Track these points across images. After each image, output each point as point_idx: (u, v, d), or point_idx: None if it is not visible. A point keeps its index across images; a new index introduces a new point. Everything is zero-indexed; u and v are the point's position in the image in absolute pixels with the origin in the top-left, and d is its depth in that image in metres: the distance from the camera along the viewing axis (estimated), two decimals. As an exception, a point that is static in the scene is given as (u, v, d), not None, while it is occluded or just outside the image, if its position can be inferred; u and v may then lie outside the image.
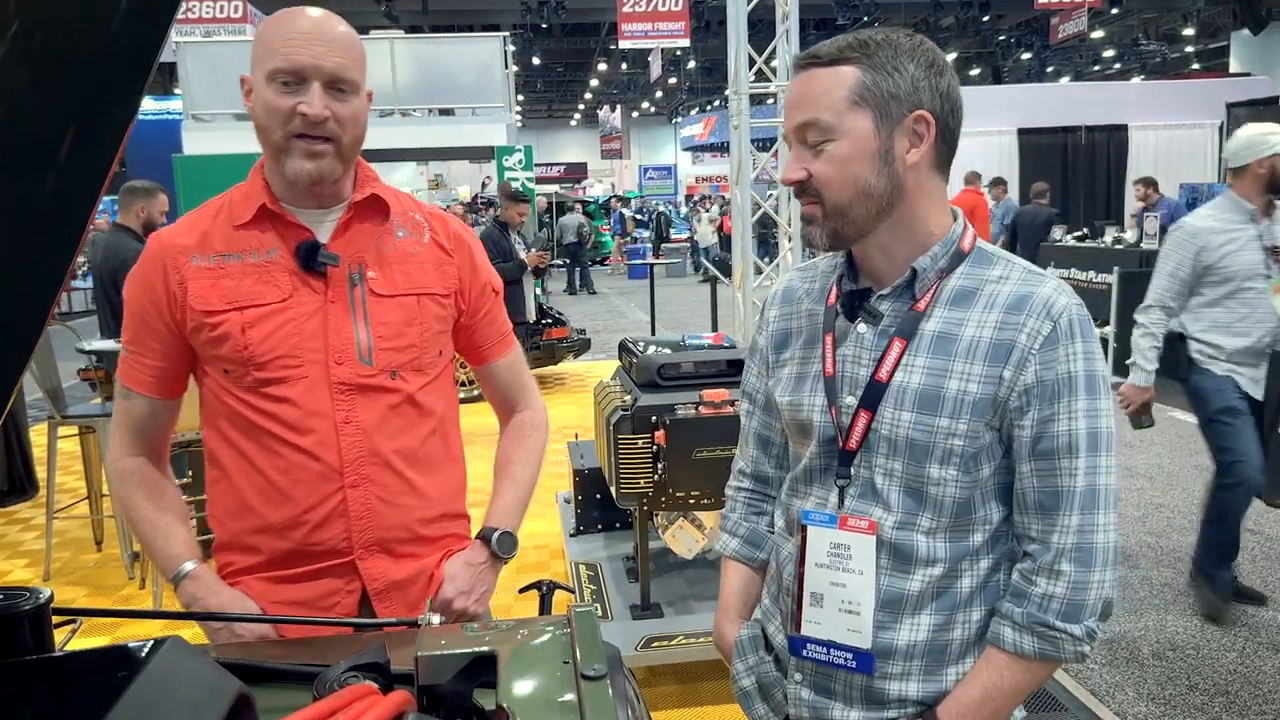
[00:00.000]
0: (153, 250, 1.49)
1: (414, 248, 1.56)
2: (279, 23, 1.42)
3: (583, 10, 21.12)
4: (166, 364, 1.51)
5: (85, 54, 1.07)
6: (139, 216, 4.95)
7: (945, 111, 1.21)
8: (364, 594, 1.52)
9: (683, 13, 14.79)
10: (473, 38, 13.83)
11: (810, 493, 1.32)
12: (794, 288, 1.42)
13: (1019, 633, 1.20)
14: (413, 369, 1.53)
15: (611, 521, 4.18)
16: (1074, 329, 1.18)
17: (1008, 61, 26.17)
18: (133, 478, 1.54)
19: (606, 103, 34.68)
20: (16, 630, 0.92)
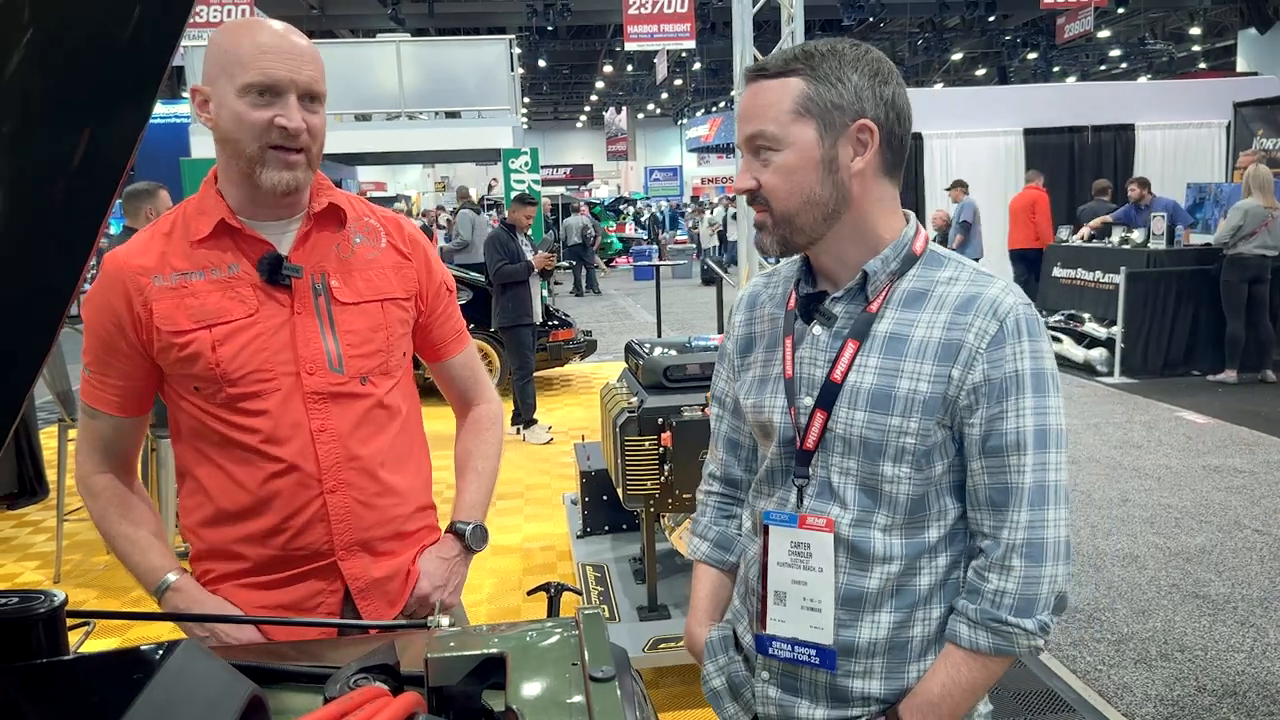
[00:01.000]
0: (110, 272, 1.47)
1: (372, 253, 1.58)
2: (241, 34, 1.42)
3: (588, 12, 21.14)
4: (131, 383, 1.50)
5: (97, 62, 1.09)
6: (148, 218, 4.97)
7: (890, 119, 1.24)
8: (346, 593, 1.54)
9: (688, 14, 14.79)
10: (478, 41, 13.87)
11: (772, 493, 1.35)
12: (757, 293, 1.46)
13: (973, 629, 1.22)
14: (381, 373, 1.55)
15: (618, 523, 4.18)
16: (1021, 328, 1.20)
17: (1014, 61, 26.12)
18: (104, 494, 1.54)
19: (612, 104, 34.73)
20: (31, 633, 0.93)
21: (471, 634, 1.03)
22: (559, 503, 4.97)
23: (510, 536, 4.99)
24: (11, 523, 5.32)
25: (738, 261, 7.82)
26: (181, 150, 12.67)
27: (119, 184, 1.17)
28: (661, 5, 14.69)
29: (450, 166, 32.11)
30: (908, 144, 1.28)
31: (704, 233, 21.15)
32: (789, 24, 5.90)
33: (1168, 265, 8.32)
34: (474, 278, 8.43)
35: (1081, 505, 5.10)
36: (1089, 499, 5.20)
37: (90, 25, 1.08)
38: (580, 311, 14.02)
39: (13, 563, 4.74)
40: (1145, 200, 9.18)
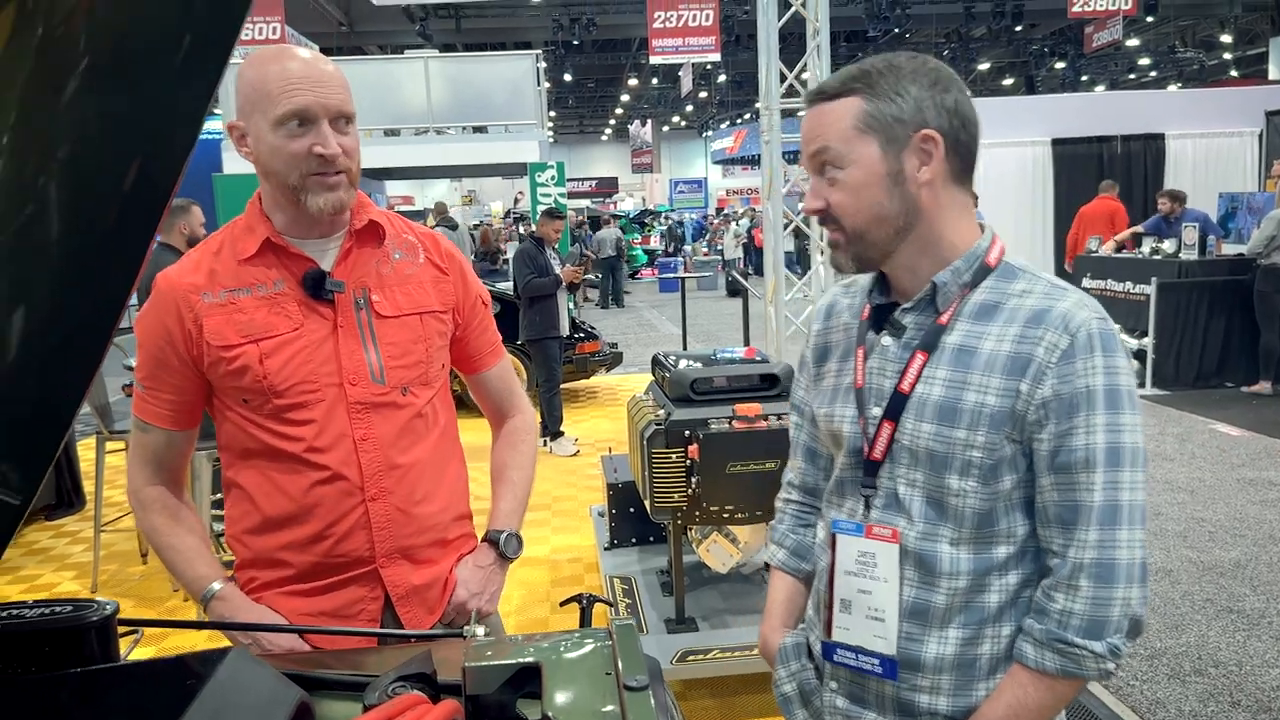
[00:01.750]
0: (162, 291, 1.53)
1: (411, 268, 1.62)
2: (268, 66, 1.45)
3: (614, 26, 21.30)
4: (181, 398, 1.55)
5: (147, 89, 1.13)
6: (182, 234, 5.09)
7: (954, 126, 1.24)
8: (386, 601, 1.58)
9: (713, 27, 14.86)
10: (505, 56, 14.00)
11: (842, 503, 1.36)
12: (836, 302, 1.47)
13: (1040, 650, 1.20)
14: (421, 383, 1.60)
15: (646, 535, 4.20)
16: (1093, 343, 1.18)
17: (1041, 71, 25.98)
18: (153, 505, 1.58)
19: (637, 117, 34.86)
20: (84, 640, 0.97)
21: (507, 644, 1.06)
22: (586, 515, 4.98)
23: (538, 548, 5.02)
24: (50, 534, 5.41)
25: (763, 273, 7.82)
26: (214, 166, 12.85)
27: (166, 205, 1.22)
28: (686, 19, 14.76)
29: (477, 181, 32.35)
30: (976, 150, 1.28)
31: (729, 244, 21.15)
32: (814, 38, 5.92)
33: (1200, 276, 8.22)
34: (501, 291, 8.50)
35: (1113, 518, 5.04)
36: (1120, 512, 5.14)
37: (139, 53, 1.12)
38: (606, 324, 14.06)
39: (51, 572, 4.83)
40: (1176, 213, 9.09)
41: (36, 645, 0.94)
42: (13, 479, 1.33)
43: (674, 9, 14.76)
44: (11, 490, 1.33)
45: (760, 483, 3.10)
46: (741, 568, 3.60)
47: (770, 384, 3.39)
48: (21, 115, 1.10)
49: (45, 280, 1.23)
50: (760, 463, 3.12)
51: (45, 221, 1.19)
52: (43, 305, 1.24)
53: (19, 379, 1.27)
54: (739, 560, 3.47)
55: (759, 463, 3.12)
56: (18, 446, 1.31)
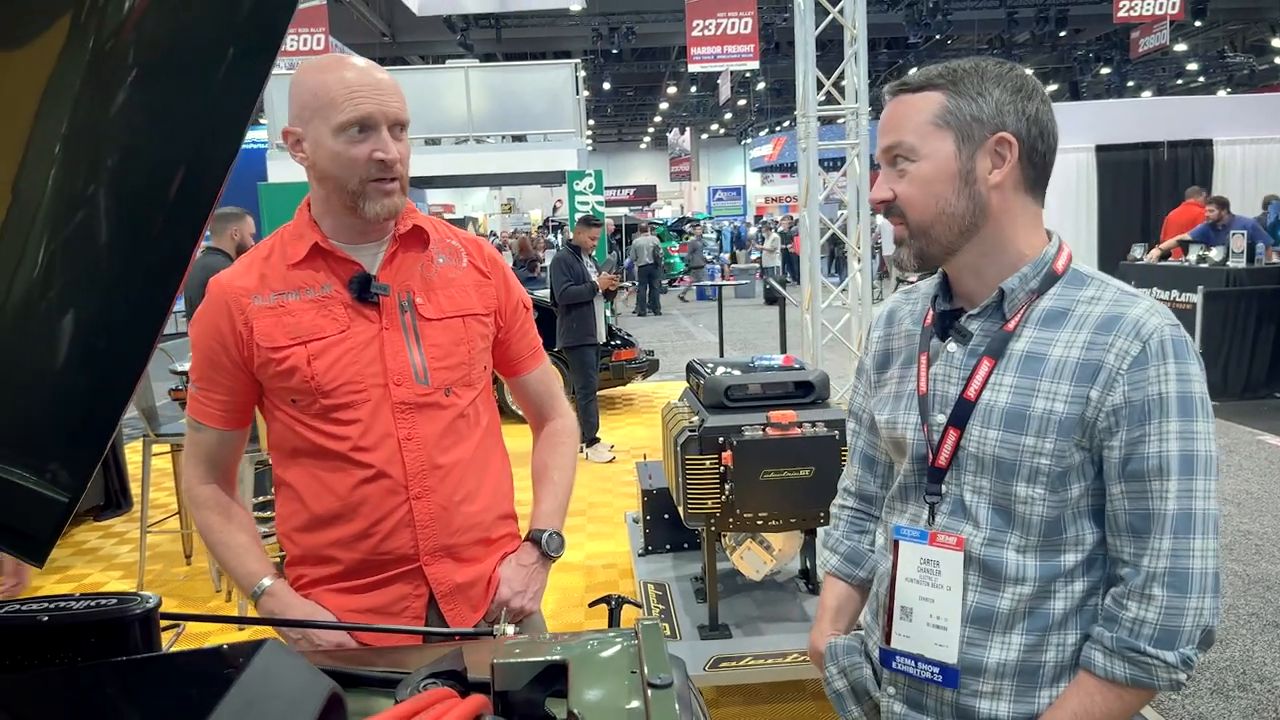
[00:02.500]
0: (215, 294, 1.58)
1: (454, 272, 1.66)
2: (328, 74, 1.49)
3: (653, 35, 21.37)
4: (233, 398, 1.60)
5: (193, 97, 1.17)
6: (233, 239, 5.25)
7: (1032, 135, 1.23)
8: (430, 598, 1.61)
9: (752, 35, 14.86)
10: (544, 66, 14.12)
11: (905, 509, 1.35)
12: (897, 309, 1.47)
13: (1110, 658, 1.18)
14: (463, 385, 1.63)
15: (680, 542, 4.20)
16: (1165, 350, 1.16)
17: (1086, 77, 25.64)
18: (207, 503, 1.63)
19: (676, 125, 34.93)
20: (128, 631, 1.00)
21: (536, 642, 1.08)
22: (621, 521, 5.00)
23: (573, 554, 5.04)
24: (98, 534, 5.54)
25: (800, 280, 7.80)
26: (259, 175, 13.09)
27: (210, 212, 1.26)
28: (724, 27, 14.78)
29: (517, 189, 32.60)
30: (1052, 162, 1.27)
31: (766, 252, 21.10)
32: (851, 45, 5.90)
33: (1248, 284, 8.06)
34: (538, 298, 8.56)
35: (1156, 530, 4.96)
36: (1164, 524, 5.05)
37: (186, 64, 1.16)
38: (642, 331, 14.10)
39: (98, 572, 4.94)
40: (1223, 220, 8.91)
41: (83, 636, 0.98)
42: (62, 477, 1.38)
43: (712, 17, 14.79)
44: (61, 488, 1.38)
45: (794, 490, 3.09)
46: (775, 575, 3.60)
47: (805, 391, 3.38)
48: (73, 125, 1.15)
49: (93, 285, 1.28)
50: (794, 470, 3.11)
51: (94, 228, 1.24)
52: (91, 309, 1.29)
53: (68, 380, 1.31)
54: (773, 567, 3.47)
55: (793, 470, 3.11)
56: (67, 446, 1.36)
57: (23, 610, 1.00)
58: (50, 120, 1.13)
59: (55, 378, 1.30)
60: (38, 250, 1.22)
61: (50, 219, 1.20)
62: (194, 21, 1.14)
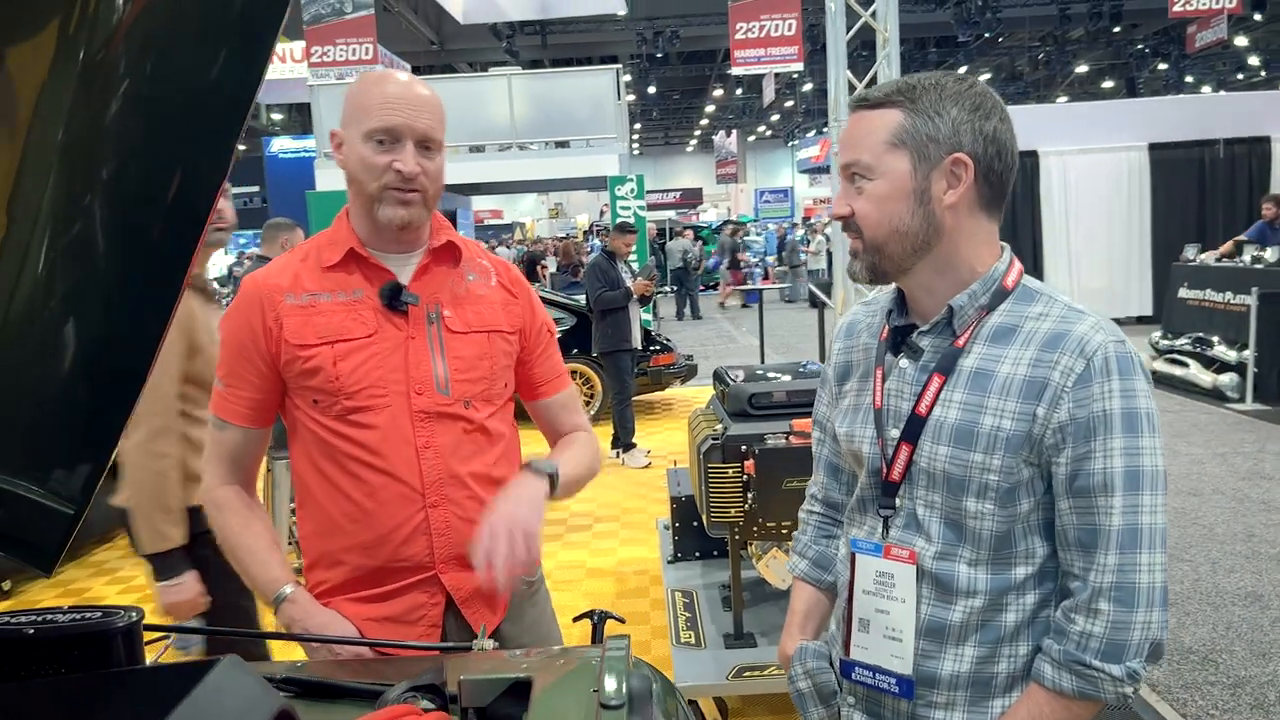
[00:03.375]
0: (249, 290, 1.62)
1: (483, 289, 1.70)
2: (371, 85, 1.57)
3: (697, 38, 21.37)
4: (260, 395, 1.62)
5: (184, 107, 1.20)
6: (283, 248, 5.39)
7: (989, 154, 1.24)
8: (448, 604, 1.63)
9: (796, 37, 14.77)
10: (586, 71, 14.19)
11: (863, 522, 1.37)
12: (856, 321, 1.48)
13: (1058, 670, 1.20)
14: (483, 399, 1.65)
15: (709, 549, 4.20)
16: (1110, 366, 1.17)
17: (1143, 73, 25.06)
18: (227, 506, 1.65)
19: (722, 128, 34.85)
20: (110, 644, 1.03)
21: (507, 659, 1.09)
22: (653, 527, 5.01)
23: (605, 559, 5.07)
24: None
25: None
26: (308, 183, 13.36)
27: (208, 217, 1.29)
28: (768, 29, 14.72)
29: (565, 194, 32.81)
30: (1010, 180, 1.28)
31: (811, 254, 20.95)
32: (884, 48, 5.84)
33: (1305, 285, 7.83)
34: (576, 304, 8.63)
35: (1202, 540, 4.84)
36: (1211, 533, 4.93)
37: (177, 74, 1.20)
38: (684, 336, 14.09)
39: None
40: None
41: (68, 648, 1.01)
42: (66, 489, 1.42)
43: (756, 20, 14.73)
44: (66, 500, 1.43)
45: (816, 499, 3.07)
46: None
47: (829, 399, 3.36)
48: (68, 136, 1.18)
49: (93, 295, 1.31)
50: (817, 479, 3.09)
51: (92, 237, 1.27)
52: (91, 319, 1.32)
53: (70, 391, 1.35)
54: (798, 576, 3.44)
55: (815, 479, 3.09)
56: (70, 457, 1.40)
57: (11, 622, 1.03)
58: (45, 131, 1.17)
59: (57, 389, 1.34)
60: (37, 262, 1.26)
61: (48, 230, 1.24)
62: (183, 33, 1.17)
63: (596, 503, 6.11)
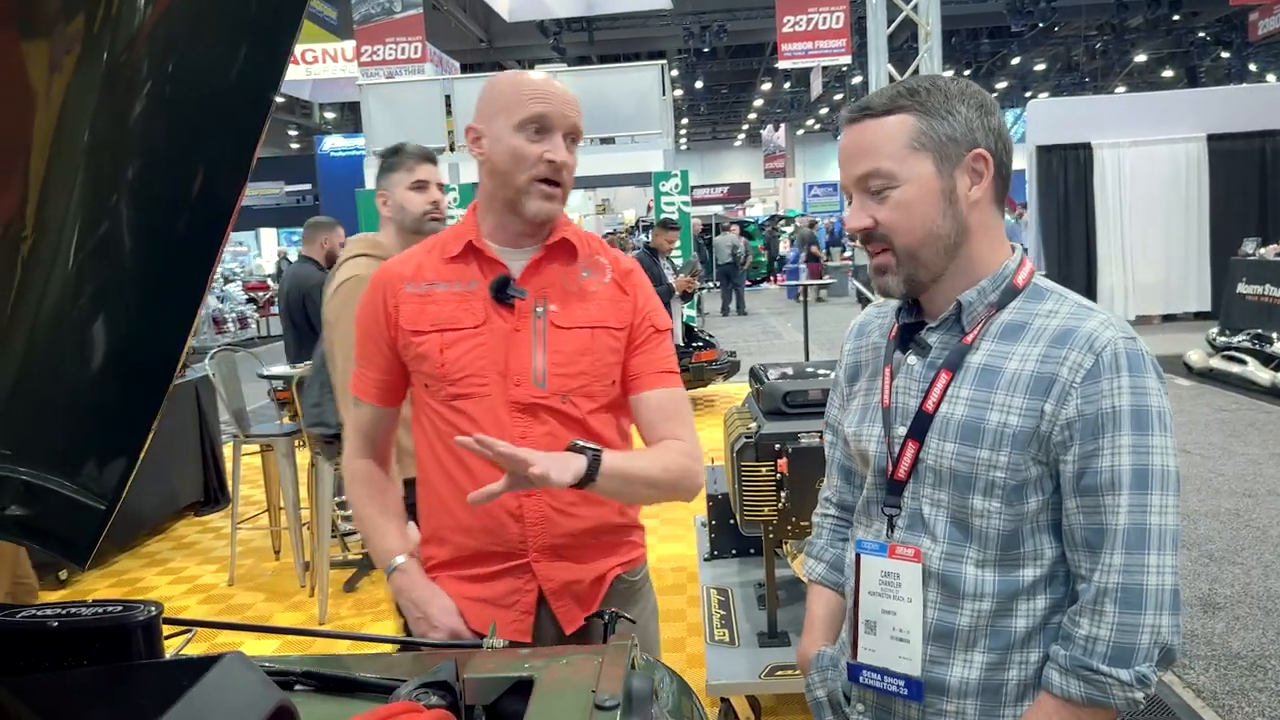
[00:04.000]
0: (377, 278, 1.72)
1: (595, 285, 1.70)
2: (520, 80, 1.63)
3: (745, 32, 21.27)
4: (387, 376, 1.72)
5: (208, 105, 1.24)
6: (322, 248, 5.46)
7: (1000, 149, 1.25)
8: (541, 593, 1.66)
9: (844, 29, 14.62)
10: (631, 68, 14.19)
11: (870, 523, 1.36)
12: (867, 321, 1.48)
13: (1065, 676, 1.18)
14: (583, 394, 1.65)
15: (745, 547, 4.19)
16: (1119, 362, 1.16)
17: (1205, 61, 24.39)
18: (359, 476, 1.77)
19: (770, 122, 34.63)
20: (130, 638, 1.07)
21: (512, 657, 1.11)
22: (692, 524, 5.01)
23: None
24: (197, 529, 5.84)
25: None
26: (358, 181, 13.56)
27: (233, 213, 1.32)
28: (816, 22, 14.59)
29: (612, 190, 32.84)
30: (1011, 176, 1.29)
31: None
32: (925, 42, 5.77)
33: (1370, 281, 7.58)
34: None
35: (1255, 543, 4.72)
36: (1264, 536, 4.80)
37: (199, 74, 1.23)
38: (728, 332, 14.04)
39: (195, 565, 5.21)
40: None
41: (89, 641, 1.05)
42: (99, 485, 1.47)
43: (804, 13, 14.62)
44: (98, 496, 1.47)
45: (850, 499, 3.05)
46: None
47: (865, 398, 3.33)
48: (94, 137, 1.22)
49: (121, 293, 1.35)
50: (850, 478, 3.07)
51: (119, 237, 1.31)
52: (120, 317, 1.36)
53: (100, 388, 1.40)
54: (833, 576, 3.43)
55: (849, 478, 3.07)
56: (102, 454, 1.45)
57: (37, 615, 1.07)
58: (72, 132, 1.20)
59: (87, 387, 1.39)
60: (66, 261, 1.29)
61: (76, 230, 1.27)
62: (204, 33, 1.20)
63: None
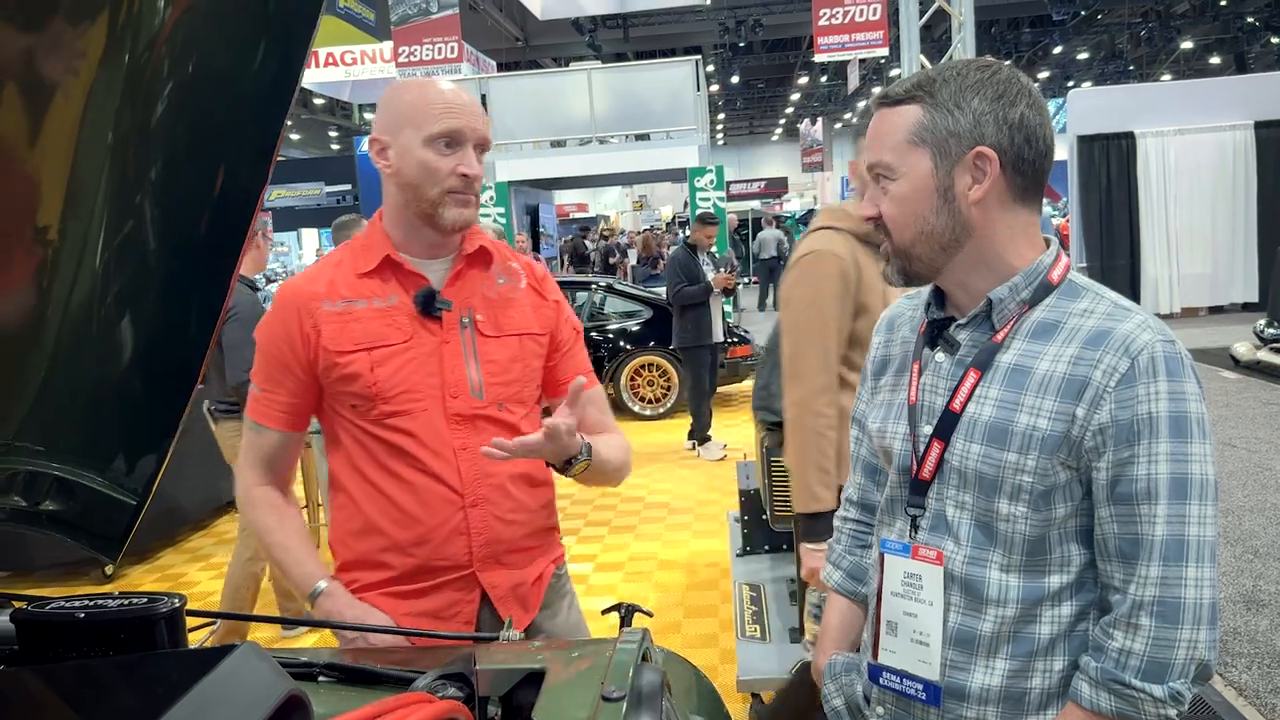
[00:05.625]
0: (285, 298, 1.65)
1: (513, 293, 1.73)
2: (426, 90, 1.60)
3: (780, 26, 21.13)
4: (297, 400, 1.66)
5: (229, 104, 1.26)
6: None
7: (1018, 143, 1.19)
8: (483, 600, 1.67)
9: (881, 21, 14.44)
10: (665, 64, 14.17)
11: (893, 523, 1.33)
12: (899, 314, 1.44)
13: (1095, 689, 1.14)
14: (516, 401, 1.69)
15: (778, 543, 4.17)
16: (1156, 367, 1.12)
17: (1255, 47, 23.78)
18: (263, 505, 1.69)
19: (807, 116, 34.37)
20: (154, 629, 1.10)
21: (526, 649, 1.12)
22: (725, 519, 5.00)
23: (677, 551, 5.09)
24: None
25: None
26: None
27: (256, 209, 1.34)
28: (853, 15, 14.41)
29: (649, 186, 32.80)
30: (1046, 167, 1.23)
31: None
32: (959, 32, 5.69)
33: None
34: (653, 296, 8.70)
35: (1303, 540, 4.61)
36: (1312, 533, 4.69)
37: (219, 74, 1.25)
38: (764, 327, 13.95)
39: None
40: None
41: (115, 632, 1.08)
42: (129, 480, 1.50)
43: (840, 5, 14.43)
44: (128, 491, 1.51)
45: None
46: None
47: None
48: (117, 137, 1.24)
49: (146, 290, 1.38)
50: (881, 473, 3.05)
51: (143, 235, 1.34)
52: (145, 314, 1.39)
53: (127, 384, 1.43)
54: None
55: (879, 473, 3.05)
56: (131, 450, 1.49)
57: (65, 607, 1.11)
58: (96, 131, 1.23)
59: (115, 383, 1.42)
60: (94, 260, 1.33)
61: (102, 228, 1.30)
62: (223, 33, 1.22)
63: (672, 494, 6.13)
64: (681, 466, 6.87)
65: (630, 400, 8.39)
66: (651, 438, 7.77)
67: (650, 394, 8.45)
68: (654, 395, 8.45)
